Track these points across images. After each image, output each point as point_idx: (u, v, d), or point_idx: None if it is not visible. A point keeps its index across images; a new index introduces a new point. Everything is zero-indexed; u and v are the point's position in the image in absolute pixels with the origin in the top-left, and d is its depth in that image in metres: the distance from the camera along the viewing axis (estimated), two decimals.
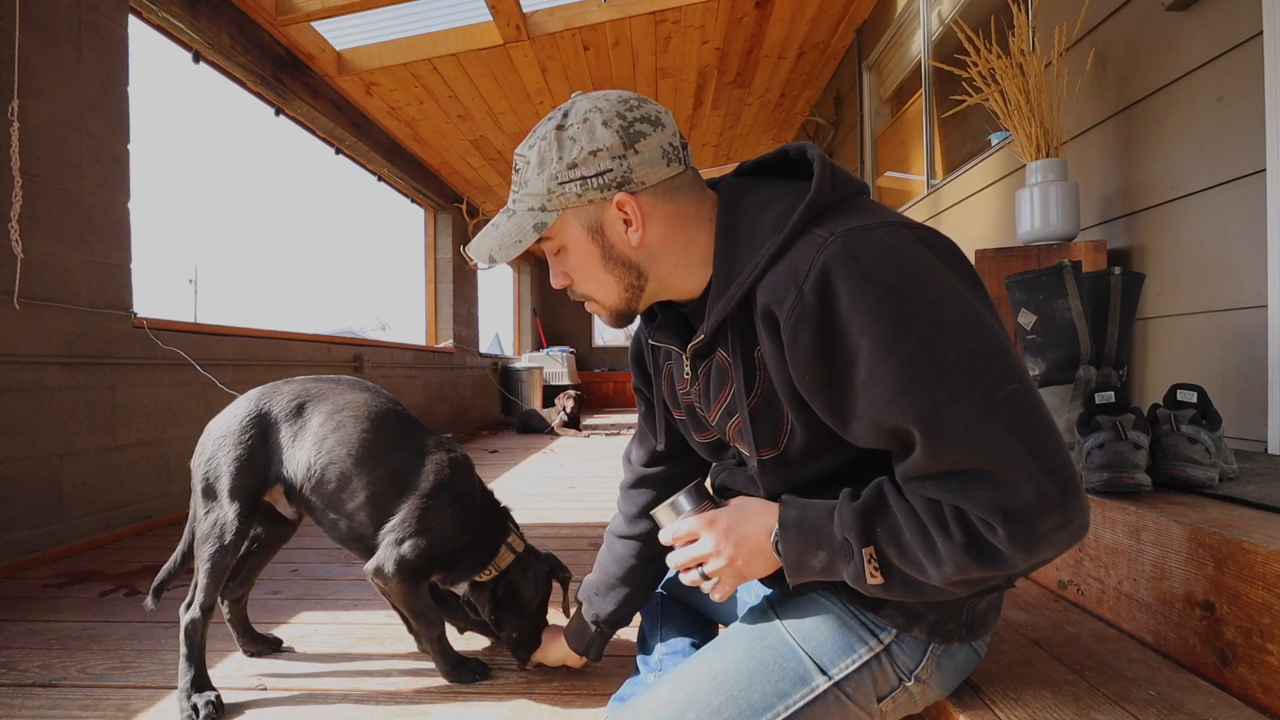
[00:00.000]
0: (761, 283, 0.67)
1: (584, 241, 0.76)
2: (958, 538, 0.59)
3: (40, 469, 2.26)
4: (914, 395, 0.59)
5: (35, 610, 1.75)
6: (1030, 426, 0.58)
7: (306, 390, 1.28)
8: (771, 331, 0.67)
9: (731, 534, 0.74)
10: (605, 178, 0.72)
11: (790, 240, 0.66)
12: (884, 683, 0.75)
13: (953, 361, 0.59)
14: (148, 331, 2.71)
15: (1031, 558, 0.59)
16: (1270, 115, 1.56)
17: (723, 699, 0.73)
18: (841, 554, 0.67)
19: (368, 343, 5.12)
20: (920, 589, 0.66)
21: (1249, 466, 1.33)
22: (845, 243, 0.62)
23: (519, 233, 0.75)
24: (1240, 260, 1.67)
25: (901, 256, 0.62)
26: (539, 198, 0.74)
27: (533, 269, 10.70)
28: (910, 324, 0.59)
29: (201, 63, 3.41)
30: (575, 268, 0.78)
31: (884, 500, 0.65)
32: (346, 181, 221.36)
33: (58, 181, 2.36)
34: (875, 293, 0.60)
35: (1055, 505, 0.57)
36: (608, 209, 0.74)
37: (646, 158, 0.72)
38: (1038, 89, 2.09)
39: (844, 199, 0.70)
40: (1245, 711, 0.76)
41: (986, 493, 0.58)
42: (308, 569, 2.09)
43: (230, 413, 1.25)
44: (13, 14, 2.20)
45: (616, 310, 0.80)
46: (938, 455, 0.59)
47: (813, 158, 0.72)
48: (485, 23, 4.11)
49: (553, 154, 0.73)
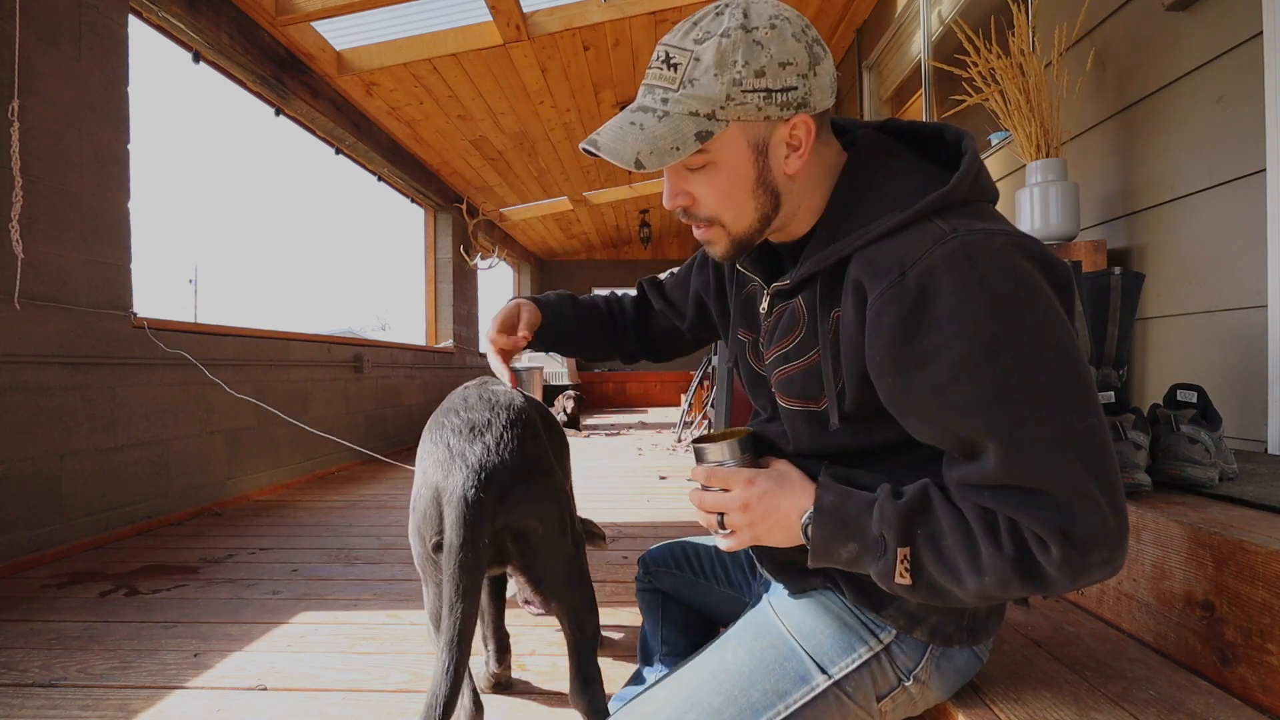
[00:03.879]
0: (863, 252, 0.65)
1: (744, 161, 0.68)
2: (1008, 551, 0.59)
3: (40, 469, 2.26)
4: (1000, 408, 0.58)
5: (35, 610, 1.75)
6: (1101, 461, 0.58)
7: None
8: (858, 303, 0.65)
9: (764, 501, 0.72)
10: (789, 95, 0.65)
11: (908, 222, 0.64)
12: (883, 682, 0.75)
13: (1044, 383, 0.58)
14: (148, 332, 2.71)
15: (1073, 585, 0.60)
16: (1270, 115, 1.56)
17: (723, 698, 0.73)
18: (873, 549, 0.65)
19: (368, 343, 5.12)
20: (944, 596, 0.64)
21: (1249, 466, 1.33)
22: (965, 243, 0.60)
23: (677, 138, 0.65)
24: (1240, 260, 1.67)
25: (1017, 269, 0.60)
26: (710, 103, 0.65)
27: (533, 269, 10.70)
28: (1013, 338, 0.58)
29: (201, 63, 3.41)
30: (717, 187, 0.70)
31: (929, 503, 0.64)
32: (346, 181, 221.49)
33: (58, 181, 2.36)
34: (984, 299, 0.58)
35: (1111, 540, 0.57)
36: (779, 129, 0.67)
37: (822, 83, 0.67)
38: (1038, 89, 2.09)
39: (976, 202, 0.67)
40: (1245, 711, 0.76)
41: (1049, 513, 0.58)
42: (308, 569, 2.09)
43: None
44: (13, 14, 2.20)
45: (740, 240, 0.74)
46: (1010, 470, 0.59)
47: (965, 150, 0.69)
48: (485, 23, 4.11)
49: (737, 55, 0.63)
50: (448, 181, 6.44)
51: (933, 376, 0.60)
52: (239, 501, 3.26)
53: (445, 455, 0.92)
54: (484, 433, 0.93)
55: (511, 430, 0.94)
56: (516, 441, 0.94)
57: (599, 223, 9.37)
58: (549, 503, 0.96)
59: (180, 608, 1.77)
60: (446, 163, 5.99)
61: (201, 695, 1.30)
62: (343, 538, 2.49)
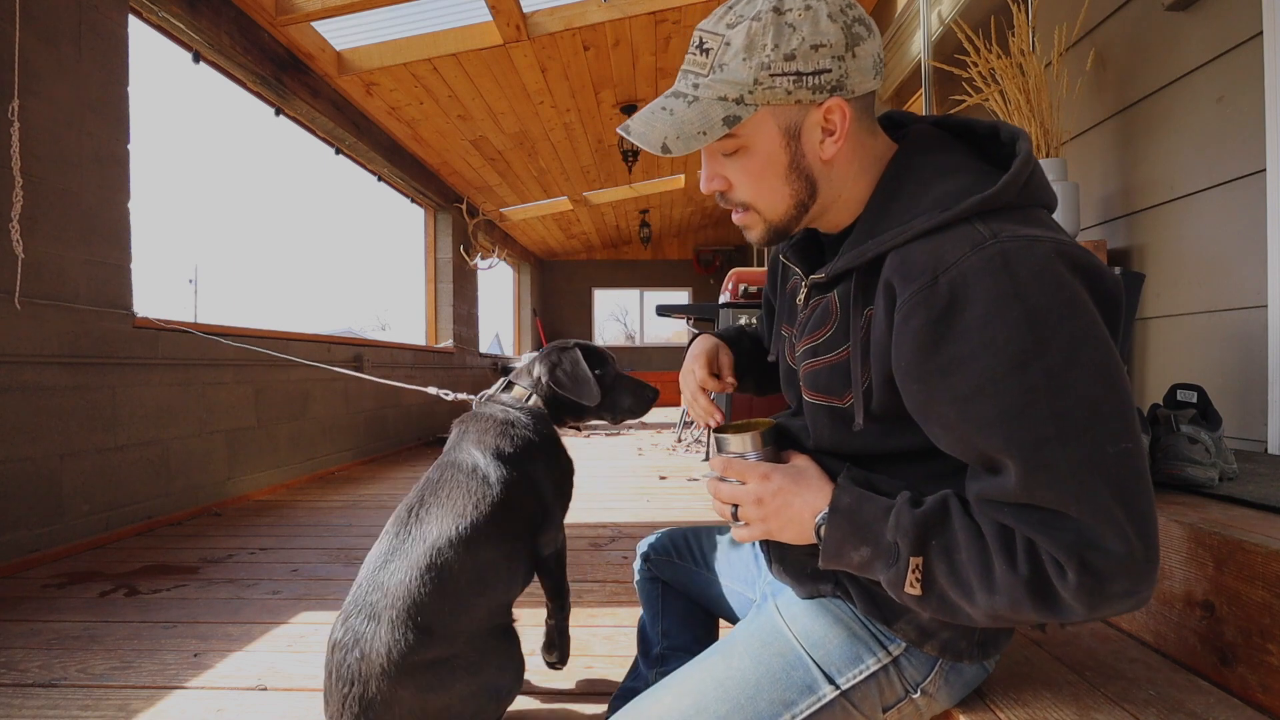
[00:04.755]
0: (898, 251, 0.63)
1: (775, 145, 0.68)
2: (1023, 571, 0.56)
3: (40, 469, 2.26)
4: (1021, 425, 0.56)
5: (35, 610, 1.75)
6: (1132, 489, 0.55)
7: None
8: (888, 303, 0.64)
9: (778, 497, 0.71)
10: (822, 78, 0.64)
11: (947, 224, 0.61)
12: (890, 694, 0.74)
13: (1073, 403, 0.55)
14: (153, 331, 2.71)
15: (1090, 614, 0.57)
16: (1270, 115, 1.56)
17: (729, 707, 0.72)
18: (886, 555, 0.63)
19: (368, 342, 5.12)
20: (955, 612, 0.62)
21: (1249, 466, 1.33)
22: (1005, 250, 0.57)
23: (704, 123, 0.65)
24: (1240, 260, 1.67)
25: (1058, 281, 0.57)
26: (738, 87, 0.64)
27: (533, 269, 10.70)
28: (1043, 353, 0.55)
29: (201, 63, 3.41)
30: (750, 172, 0.70)
31: (947, 514, 0.62)
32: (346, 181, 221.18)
33: (58, 181, 2.36)
34: (1017, 311, 0.56)
35: (1134, 571, 0.54)
36: (812, 113, 0.66)
37: (861, 65, 0.65)
38: (1038, 89, 2.09)
39: (1026, 207, 0.64)
40: (1245, 711, 0.76)
41: (1069, 536, 0.55)
42: (308, 569, 2.09)
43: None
44: (13, 14, 2.20)
45: (776, 226, 0.73)
46: (1029, 490, 0.56)
47: (1019, 152, 0.65)
48: (485, 23, 4.11)
49: (767, 39, 0.63)
50: (448, 181, 6.44)
51: (956, 387, 0.58)
52: (239, 501, 3.26)
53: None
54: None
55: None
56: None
57: (599, 223, 9.37)
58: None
59: (180, 608, 1.77)
60: (446, 163, 5.99)
61: (201, 695, 1.30)
62: (343, 538, 2.49)
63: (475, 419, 1.17)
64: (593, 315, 11.50)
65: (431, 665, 0.93)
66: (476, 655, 0.99)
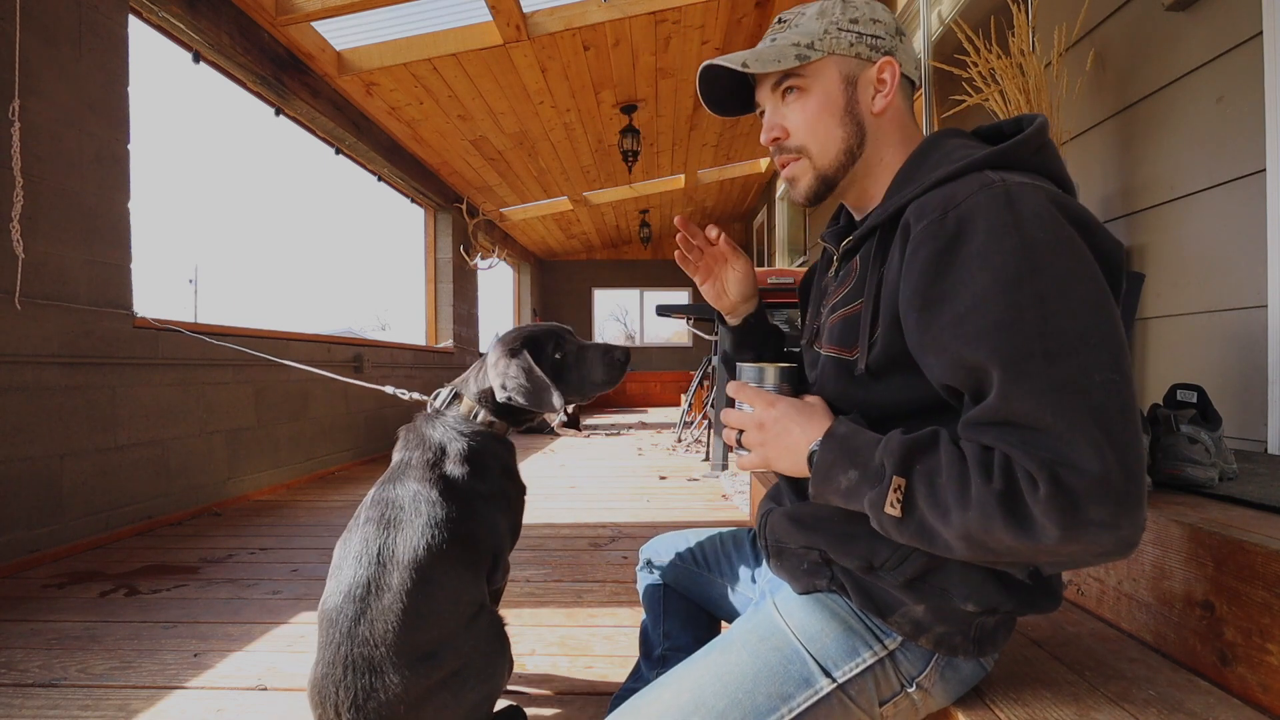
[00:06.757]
0: (918, 201, 0.69)
1: (835, 88, 0.79)
2: (997, 484, 0.57)
3: (40, 469, 2.26)
4: (1009, 337, 0.58)
5: (35, 610, 1.75)
6: (1114, 417, 0.55)
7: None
8: (903, 243, 0.68)
9: (779, 424, 0.74)
10: (878, 41, 0.78)
11: (961, 172, 0.67)
12: (886, 687, 0.75)
13: (1061, 327, 0.57)
14: (153, 331, 2.71)
15: (1065, 539, 0.55)
16: (1270, 115, 1.56)
17: (727, 702, 0.73)
18: (872, 478, 0.64)
19: (368, 342, 5.12)
20: (932, 538, 0.62)
21: (1249, 466, 1.33)
22: (1010, 190, 0.62)
23: (778, 54, 0.78)
24: (1240, 260, 1.67)
25: (1058, 224, 0.61)
26: (810, 35, 0.78)
27: (533, 269, 10.71)
28: (1036, 277, 0.58)
29: (201, 63, 3.41)
30: (809, 113, 0.80)
31: (935, 443, 0.63)
32: (346, 181, 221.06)
33: (58, 181, 2.36)
34: (1015, 240, 0.60)
35: (1112, 496, 0.53)
36: (868, 70, 0.79)
37: (907, 49, 0.80)
38: (1038, 89, 2.09)
39: (1037, 172, 0.68)
40: (1245, 711, 0.76)
41: (1043, 452, 0.55)
42: (308, 569, 2.09)
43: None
44: (13, 14, 2.20)
45: (824, 173, 0.81)
46: (1010, 401, 0.57)
47: (1035, 122, 0.71)
48: (485, 23, 4.11)
49: (836, 8, 0.79)
50: (448, 181, 6.44)
51: (954, 307, 0.62)
52: (239, 501, 3.26)
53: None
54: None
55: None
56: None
57: (599, 223, 9.37)
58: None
59: (180, 608, 1.77)
60: (446, 163, 5.99)
61: (201, 695, 1.30)
62: None
63: (421, 443, 1.09)
64: (593, 315, 11.51)
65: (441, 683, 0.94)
66: (482, 661, 0.99)
